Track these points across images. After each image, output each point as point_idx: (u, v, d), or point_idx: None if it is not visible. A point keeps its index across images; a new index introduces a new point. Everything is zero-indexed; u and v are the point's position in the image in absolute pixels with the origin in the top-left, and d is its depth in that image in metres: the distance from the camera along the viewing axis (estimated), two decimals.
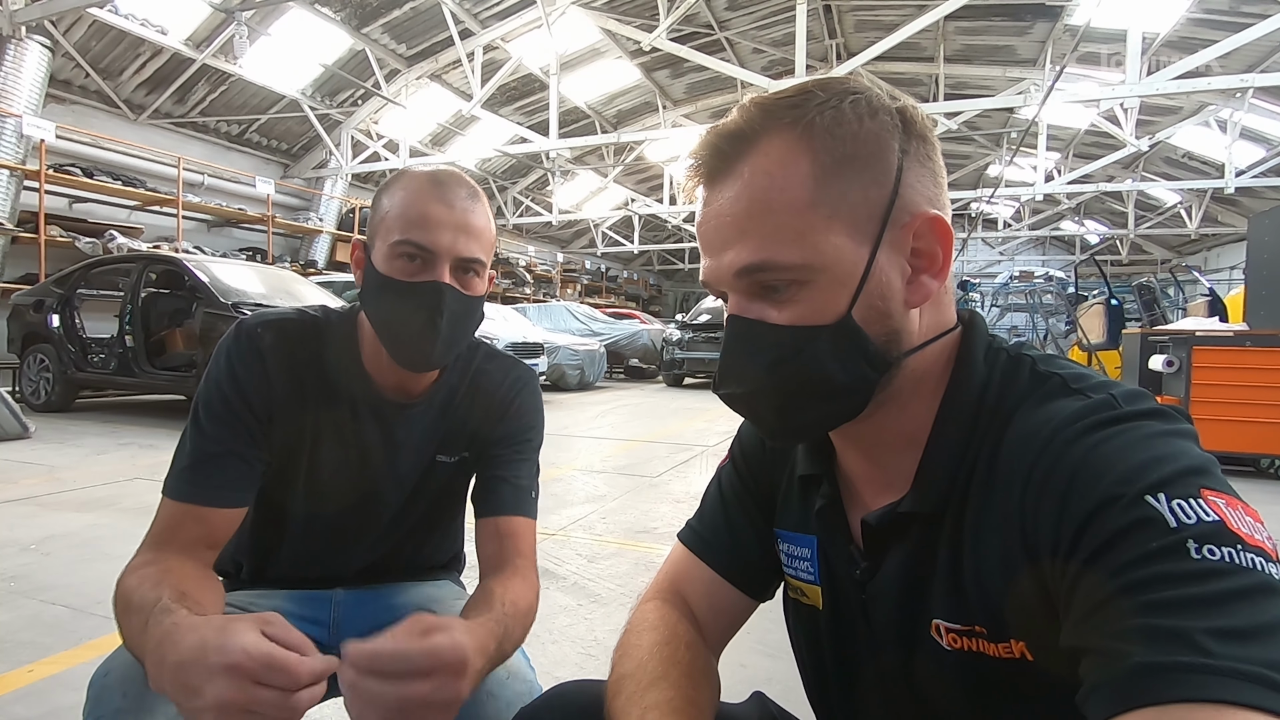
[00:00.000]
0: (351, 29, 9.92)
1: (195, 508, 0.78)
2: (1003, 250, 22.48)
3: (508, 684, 0.79)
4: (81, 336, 6.13)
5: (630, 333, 12.20)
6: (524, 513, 0.90)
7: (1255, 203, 13.54)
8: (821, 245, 0.49)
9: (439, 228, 0.79)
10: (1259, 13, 7.63)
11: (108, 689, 0.68)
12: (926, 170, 0.52)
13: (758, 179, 0.50)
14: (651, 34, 8.77)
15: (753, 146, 0.50)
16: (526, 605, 0.80)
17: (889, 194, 0.50)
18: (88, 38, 8.25)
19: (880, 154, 0.50)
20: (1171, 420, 0.45)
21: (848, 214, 0.49)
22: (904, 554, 0.54)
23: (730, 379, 0.54)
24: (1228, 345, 4.54)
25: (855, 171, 0.49)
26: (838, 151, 0.49)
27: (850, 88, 0.51)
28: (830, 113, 0.49)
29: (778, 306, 0.51)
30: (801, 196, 0.49)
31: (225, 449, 0.81)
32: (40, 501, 3.15)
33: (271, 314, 0.88)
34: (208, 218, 10.35)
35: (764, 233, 0.49)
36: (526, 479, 0.93)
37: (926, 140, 0.52)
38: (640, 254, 21.71)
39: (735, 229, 0.50)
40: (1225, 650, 0.34)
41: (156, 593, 0.67)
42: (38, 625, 1.87)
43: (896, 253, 0.51)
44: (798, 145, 0.49)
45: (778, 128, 0.50)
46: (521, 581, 0.83)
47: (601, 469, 4.35)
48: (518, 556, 0.87)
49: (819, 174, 0.49)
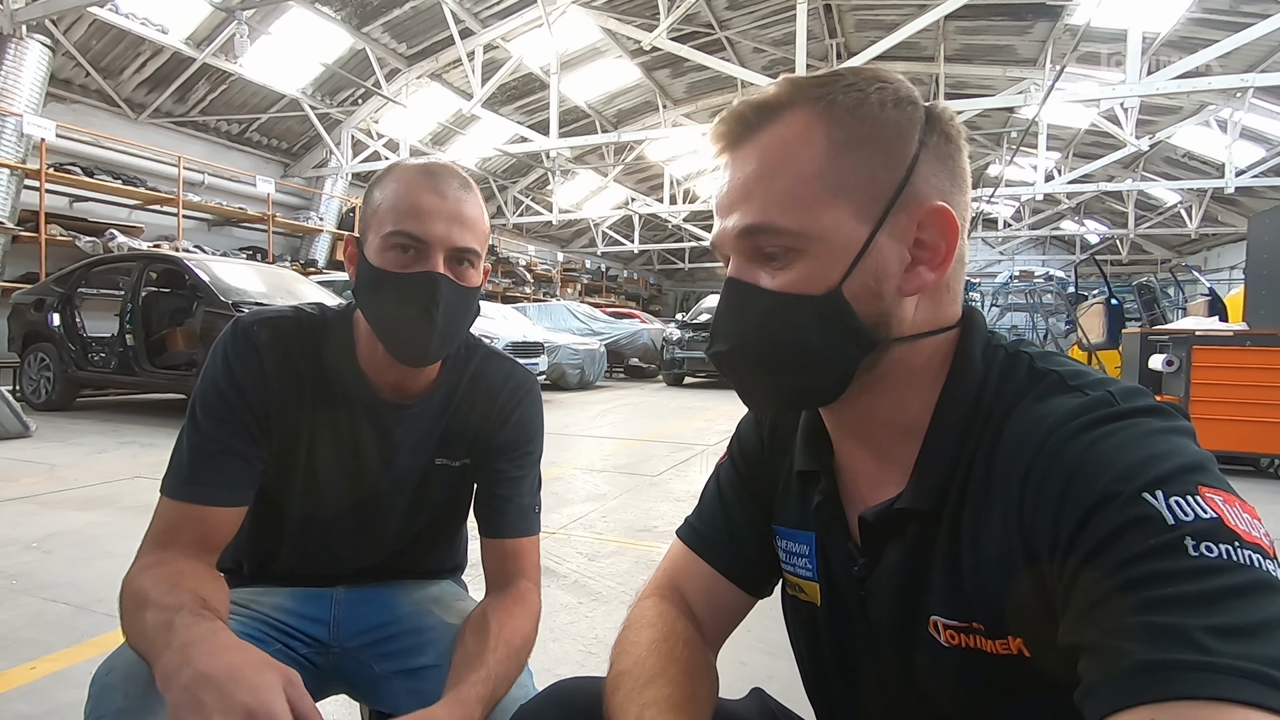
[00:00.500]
0: (352, 28, 9.92)
1: (194, 507, 0.78)
2: (1003, 250, 22.47)
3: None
4: (82, 335, 6.13)
5: (630, 332, 12.20)
6: (528, 532, 0.91)
7: (1255, 202, 13.53)
8: (821, 216, 0.50)
9: (432, 218, 0.78)
10: (1259, 12, 7.63)
11: (109, 688, 0.68)
12: (945, 168, 0.52)
13: (773, 145, 0.51)
14: (652, 33, 8.77)
15: (776, 117, 0.52)
16: (522, 640, 0.80)
17: (899, 178, 0.50)
18: (88, 37, 8.24)
19: (897, 140, 0.51)
20: (1169, 417, 0.45)
21: (854, 190, 0.50)
22: (902, 550, 0.55)
23: (719, 338, 0.55)
24: (1227, 345, 4.54)
25: (868, 153, 0.50)
26: (854, 130, 0.50)
27: (881, 77, 0.52)
28: (855, 95, 0.51)
29: (772, 273, 0.52)
30: (810, 167, 0.50)
31: (223, 447, 0.80)
32: (41, 500, 3.15)
33: (268, 312, 0.87)
34: (208, 217, 10.35)
35: (768, 196, 0.51)
36: (529, 495, 0.93)
37: (950, 140, 0.53)
38: (640, 253, 21.71)
39: (744, 191, 0.52)
40: (1223, 648, 0.34)
41: (177, 596, 0.67)
42: (40, 623, 1.87)
43: (899, 239, 0.51)
44: (817, 120, 0.51)
45: (802, 102, 0.51)
46: (521, 610, 0.84)
47: (602, 468, 4.35)
48: (522, 578, 0.88)
49: (831, 149, 0.50)
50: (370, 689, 0.90)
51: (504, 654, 0.76)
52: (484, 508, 0.92)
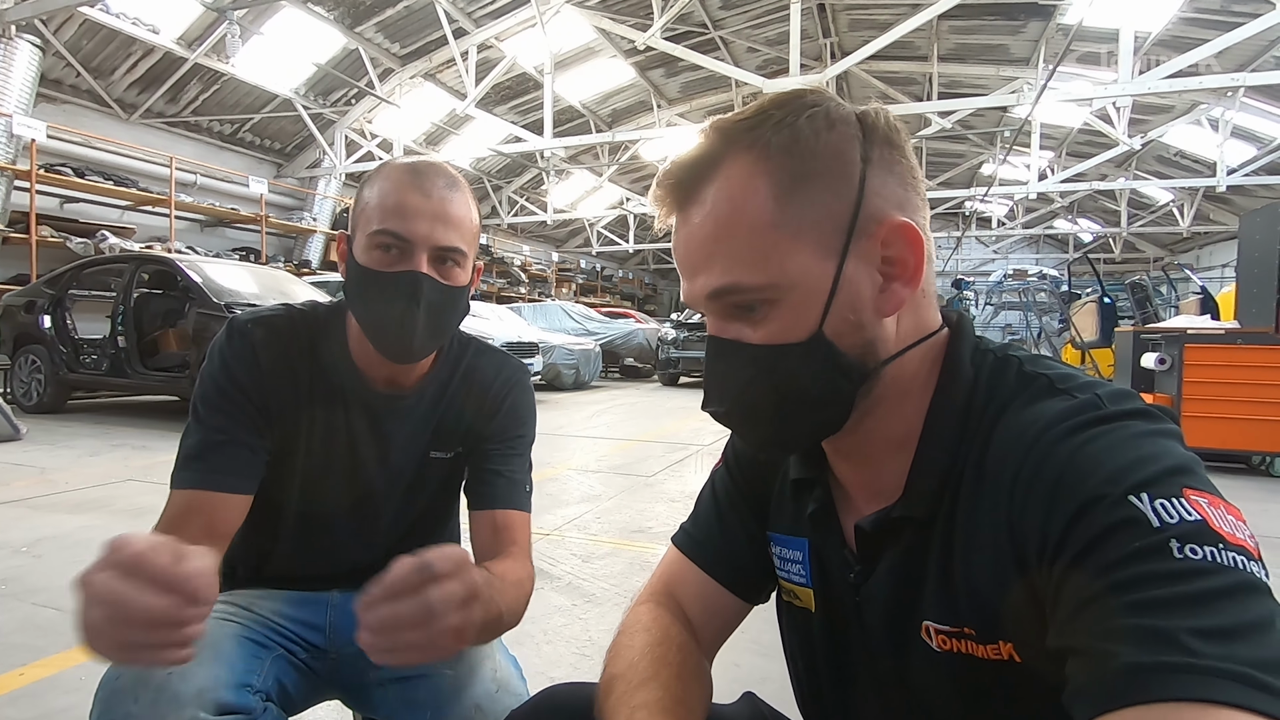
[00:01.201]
0: (345, 28, 9.88)
1: (202, 494, 0.78)
2: (996, 249, 22.56)
3: (497, 697, 0.79)
4: (74, 337, 6.09)
5: (625, 332, 12.20)
6: (518, 506, 0.91)
7: (1247, 201, 13.61)
8: (786, 265, 0.49)
9: (415, 217, 0.79)
10: (1250, 12, 7.67)
11: (119, 693, 0.66)
12: (894, 176, 0.52)
13: (720, 204, 0.50)
14: (646, 33, 8.77)
15: (716, 171, 0.51)
16: (516, 578, 0.79)
17: (852, 206, 0.50)
18: (79, 37, 8.19)
19: (840, 166, 0.50)
20: (1156, 420, 0.46)
21: (811, 231, 0.49)
22: (896, 557, 0.55)
23: (713, 398, 0.55)
24: (1219, 343, 4.57)
25: (815, 188, 0.49)
26: (795, 169, 0.49)
27: (808, 102, 0.51)
28: (786, 131, 0.50)
29: (753, 326, 0.52)
30: (763, 218, 0.49)
31: (229, 437, 0.81)
32: (32, 504, 3.13)
33: (262, 311, 0.88)
34: (200, 218, 10.30)
35: (729, 256, 0.50)
36: (520, 473, 0.93)
37: (893, 144, 0.52)
38: (635, 253, 21.71)
39: (703, 254, 0.51)
40: (1210, 649, 0.34)
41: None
42: (30, 628, 1.86)
43: (866, 263, 0.51)
44: (756, 168, 0.50)
45: (736, 151, 0.50)
46: (512, 561, 0.83)
47: (596, 468, 4.35)
48: (512, 545, 0.87)
49: (779, 194, 0.49)
50: (363, 696, 0.89)
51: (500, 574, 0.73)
52: (474, 483, 0.92)
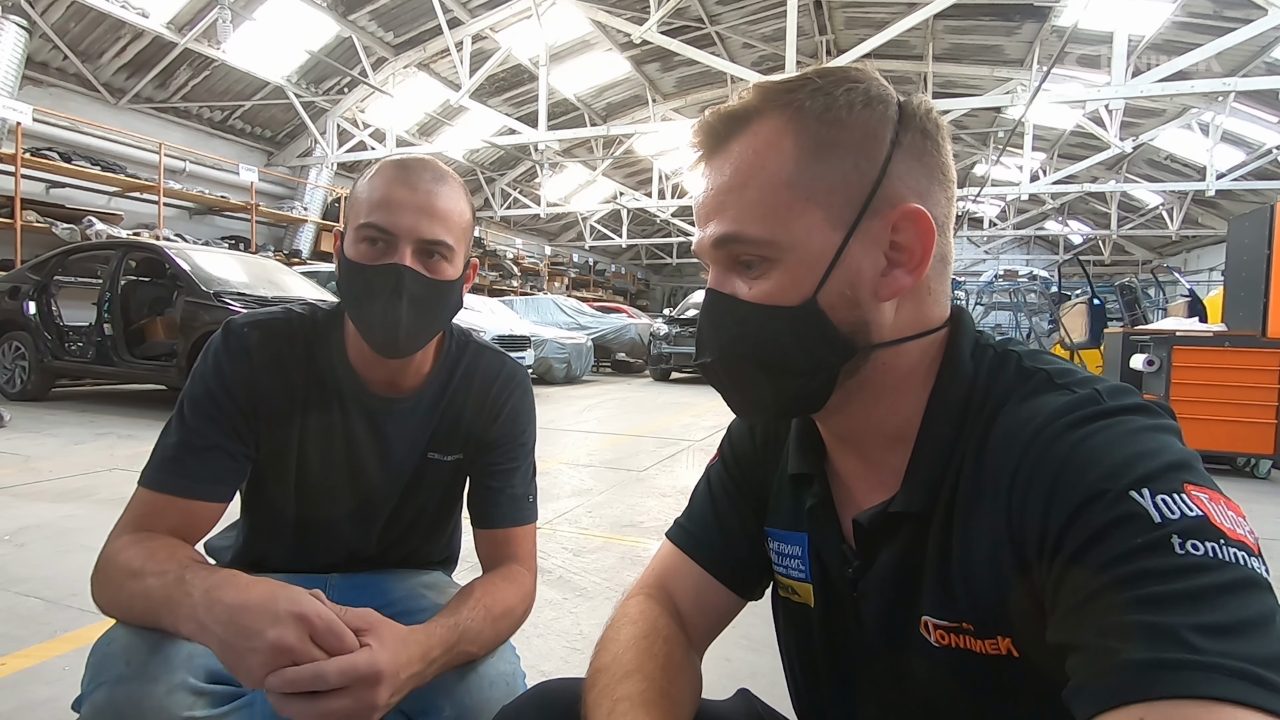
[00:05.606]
0: (338, 15, 9.78)
1: (174, 499, 0.78)
2: (988, 249, 22.68)
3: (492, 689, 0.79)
4: (59, 324, 6.01)
5: (618, 327, 12.17)
6: (522, 521, 0.93)
7: (1235, 205, 13.76)
8: (792, 225, 0.49)
9: (399, 210, 0.80)
10: (1241, 17, 7.73)
11: (110, 657, 0.68)
12: (921, 165, 0.51)
13: (745, 155, 0.51)
14: (642, 27, 8.74)
15: (746, 126, 0.51)
16: (504, 608, 0.81)
17: (872, 181, 0.49)
18: (66, 19, 8.06)
19: (867, 143, 0.50)
20: (1155, 415, 0.46)
21: (825, 197, 0.49)
22: (895, 552, 0.54)
23: (703, 349, 0.56)
24: (1207, 345, 4.60)
25: (838, 157, 0.49)
26: (822, 136, 0.49)
27: (850, 77, 0.51)
28: (822, 98, 0.50)
29: (749, 282, 0.52)
30: (780, 176, 0.50)
31: (209, 443, 0.81)
32: (15, 492, 3.09)
33: (259, 314, 0.89)
34: (189, 205, 10.17)
35: (739, 205, 0.51)
36: (522, 486, 0.94)
37: (927, 135, 0.51)
38: (628, 248, 21.69)
39: (717, 201, 0.52)
40: (1211, 646, 0.34)
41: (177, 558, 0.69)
42: (12, 618, 1.83)
43: (873, 243, 0.50)
44: (786, 127, 0.50)
45: (771, 109, 0.51)
46: (508, 584, 0.85)
47: (588, 463, 4.34)
48: (514, 561, 0.90)
49: (801, 155, 0.49)
50: None
51: (480, 615, 0.77)
52: (477, 500, 0.94)
